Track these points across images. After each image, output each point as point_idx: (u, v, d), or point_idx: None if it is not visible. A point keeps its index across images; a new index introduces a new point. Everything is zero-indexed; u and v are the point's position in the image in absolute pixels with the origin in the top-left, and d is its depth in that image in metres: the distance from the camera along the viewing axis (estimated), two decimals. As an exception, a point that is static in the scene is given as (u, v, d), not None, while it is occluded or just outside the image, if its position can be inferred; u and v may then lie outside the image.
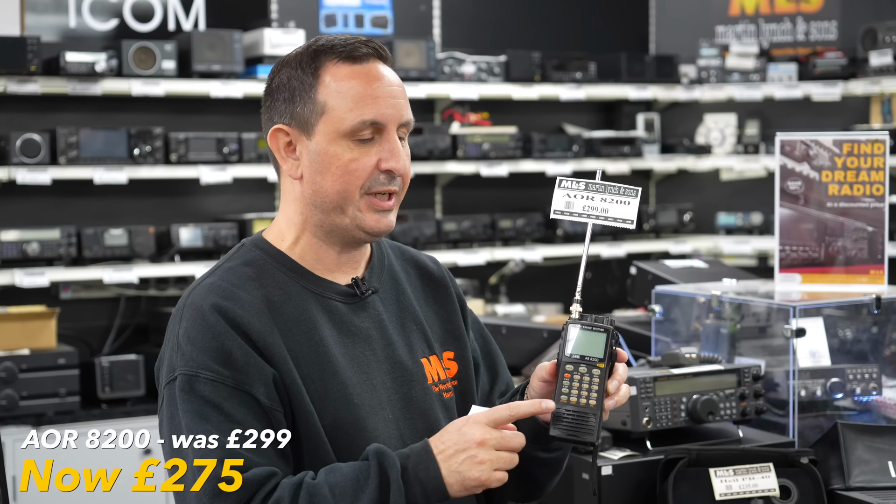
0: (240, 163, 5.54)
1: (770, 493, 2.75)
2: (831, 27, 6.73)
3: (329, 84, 2.13)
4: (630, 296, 4.21)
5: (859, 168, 3.34)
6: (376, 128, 2.13)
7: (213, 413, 2.01)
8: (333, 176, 2.13)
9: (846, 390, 3.17)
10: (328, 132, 2.12)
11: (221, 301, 2.07)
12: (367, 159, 2.13)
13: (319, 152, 2.13)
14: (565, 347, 2.06)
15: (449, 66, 6.11)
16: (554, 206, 2.16)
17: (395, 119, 2.14)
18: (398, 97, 2.15)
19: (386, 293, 2.25)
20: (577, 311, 2.10)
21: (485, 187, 6.49)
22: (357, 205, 2.14)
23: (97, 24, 5.75)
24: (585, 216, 2.15)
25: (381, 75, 2.15)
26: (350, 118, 2.11)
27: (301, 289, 2.15)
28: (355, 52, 2.14)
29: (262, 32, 5.61)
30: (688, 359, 3.00)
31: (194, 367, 2.04)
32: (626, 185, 2.15)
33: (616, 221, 2.14)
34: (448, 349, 2.30)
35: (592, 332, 2.07)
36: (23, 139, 5.09)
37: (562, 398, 2.04)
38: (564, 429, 2.03)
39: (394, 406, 2.16)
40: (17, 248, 5.12)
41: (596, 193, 2.15)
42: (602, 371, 2.05)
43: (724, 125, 6.77)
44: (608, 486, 2.77)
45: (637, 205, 2.14)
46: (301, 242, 2.19)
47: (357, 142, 2.12)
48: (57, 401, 4.96)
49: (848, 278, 3.36)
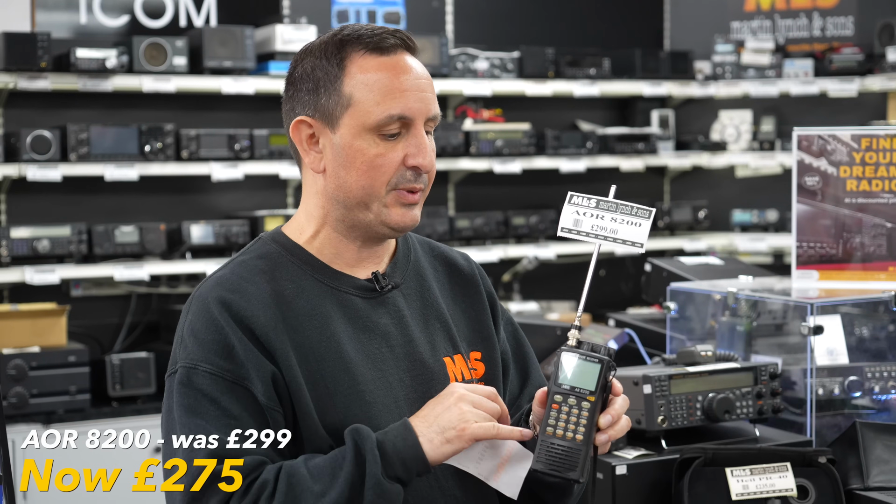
0: (251, 159, 5.52)
1: (787, 493, 2.71)
2: (848, 22, 6.68)
3: (355, 75, 2.06)
4: (645, 293, 4.17)
5: (878, 163, 3.30)
6: (403, 122, 2.06)
7: (209, 407, 1.98)
8: (358, 171, 2.07)
9: (864, 389, 3.13)
10: (353, 125, 2.06)
11: (227, 294, 2.03)
12: (394, 155, 2.06)
13: (344, 146, 2.07)
14: (556, 376, 1.97)
15: (462, 63, 6.08)
16: (562, 224, 2.08)
17: (422, 113, 2.07)
18: (426, 90, 2.09)
19: (409, 289, 2.19)
20: (575, 338, 2.01)
21: (498, 184, 6.46)
22: (383, 200, 2.07)
23: (108, 20, 5.73)
24: (594, 236, 2.06)
25: (410, 67, 2.08)
26: (377, 112, 2.05)
27: (316, 283, 2.10)
28: (383, 42, 2.08)
29: (273, 29, 5.58)
30: (704, 356, 2.96)
31: (194, 359, 2.00)
32: (640, 205, 2.06)
33: (625, 244, 2.05)
34: (475, 349, 2.24)
35: (586, 362, 1.97)
36: (33, 136, 5.08)
37: (548, 430, 1.94)
38: (547, 462, 1.93)
39: (411, 404, 2.09)
40: (28, 245, 5.11)
41: (607, 212, 2.07)
42: (592, 405, 1.94)
43: (740, 122, 6.72)
44: (623, 486, 2.74)
45: (649, 227, 2.05)
46: (320, 236, 2.14)
47: (383, 136, 2.06)
48: (67, 399, 4.95)
49: (866, 275, 3.32)
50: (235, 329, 2.00)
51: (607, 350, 1.99)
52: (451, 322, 2.21)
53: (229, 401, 1.98)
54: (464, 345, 2.22)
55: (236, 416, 1.97)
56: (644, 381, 2.81)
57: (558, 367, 1.97)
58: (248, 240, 5.26)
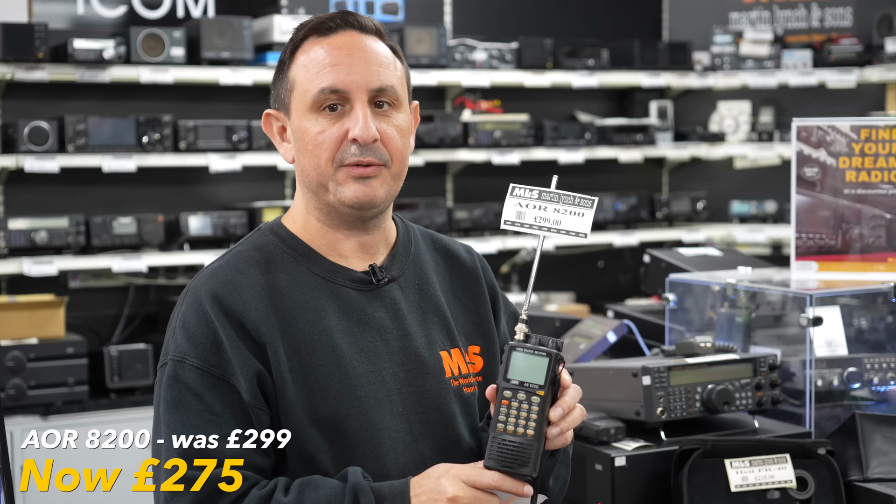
0: (249, 150, 5.51)
1: (786, 484, 2.71)
2: (846, 13, 6.67)
3: (298, 59, 2.09)
4: (643, 284, 4.17)
5: (877, 154, 3.29)
6: (340, 96, 2.05)
7: (193, 401, 1.97)
8: (308, 152, 2.08)
9: (863, 380, 3.13)
10: (298, 108, 2.08)
11: (219, 287, 2.03)
12: (333, 130, 2.05)
13: (295, 130, 2.10)
14: (505, 372, 1.94)
15: (460, 53, 6.06)
16: (504, 216, 2.06)
17: (359, 85, 2.06)
18: (366, 62, 2.07)
19: (408, 281, 2.18)
20: (523, 332, 1.97)
21: (496, 175, 6.44)
22: (335, 178, 2.07)
23: (105, 10, 5.72)
24: (536, 228, 2.04)
25: (346, 44, 2.08)
26: (311, 88, 2.06)
27: (311, 275, 2.09)
28: (324, 24, 2.09)
29: (271, 19, 5.57)
30: (703, 348, 2.96)
31: (183, 353, 2.00)
32: (583, 194, 2.04)
33: (568, 234, 2.03)
34: (474, 343, 2.22)
35: (534, 356, 1.93)
36: (31, 127, 5.06)
37: (498, 426, 1.91)
38: (499, 459, 1.90)
39: (405, 398, 2.09)
40: (26, 236, 5.10)
41: (549, 203, 2.05)
42: (542, 399, 1.91)
43: (738, 113, 6.72)
44: (622, 478, 2.73)
45: (592, 216, 2.02)
46: (309, 227, 2.14)
47: (325, 113, 2.06)
48: (65, 390, 4.94)
49: (865, 266, 3.31)
50: (225, 324, 2.00)
51: (555, 343, 1.97)
52: (449, 316, 2.20)
53: (213, 396, 1.97)
54: (462, 338, 2.20)
55: (218, 413, 1.97)
56: (643, 372, 2.81)
57: (507, 362, 1.94)
58: (246, 231, 5.26)
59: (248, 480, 1.95)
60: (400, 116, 2.11)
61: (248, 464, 1.97)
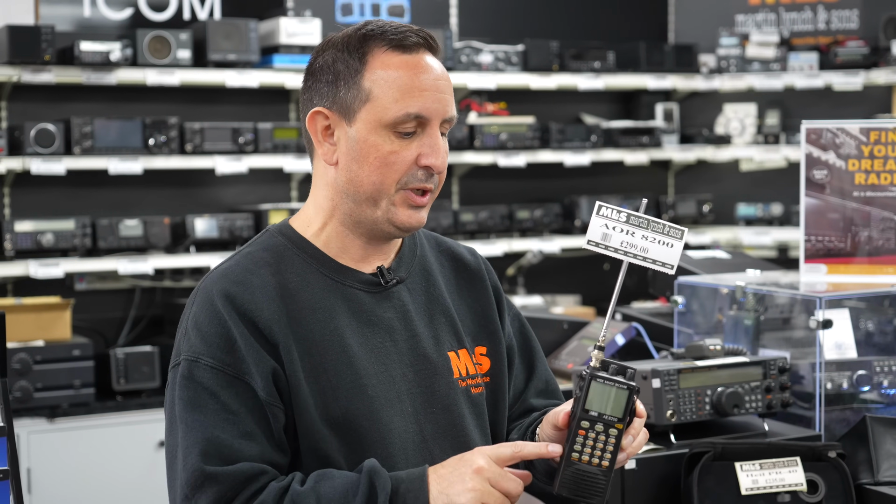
0: (255, 153, 5.51)
1: (797, 487, 2.70)
2: (853, 16, 6.66)
3: (376, 71, 2.06)
4: (651, 287, 4.16)
5: (886, 157, 3.28)
6: (420, 122, 2.06)
7: (209, 401, 1.98)
8: (371, 166, 2.06)
9: (873, 383, 3.12)
10: (370, 121, 2.06)
11: (231, 287, 2.03)
12: (408, 153, 2.06)
13: (359, 140, 2.07)
14: (583, 401, 1.93)
15: (466, 56, 6.06)
16: (589, 236, 2.02)
17: (439, 114, 2.07)
18: (444, 91, 2.08)
19: (415, 283, 2.19)
20: (598, 359, 1.96)
21: (502, 178, 6.44)
22: (392, 198, 2.07)
23: (112, 13, 5.72)
24: (622, 252, 2.00)
25: (430, 67, 2.08)
26: (395, 109, 2.04)
27: (321, 276, 2.10)
28: (405, 40, 2.07)
29: (277, 21, 5.56)
30: (712, 350, 2.95)
31: (197, 352, 2.01)
32: (673, 224, 2.01)
33: (655, 264, 2.00)
34: (481, 344, 2.23)
35: (614, 389, 1.93)
36: (37, 129, 5.06)
37: (573, 455, 1.92)
38: (571, 488, 1.92)
39: (414, 399, 2.10)
40: (32, 238, 5.10)
41: (637, 229, 2.01)
42: (620, 431, 1.92)
43: (744, 115, 6.71)
44: (632, 481, 2.72)
45: (681, 248, 1.99)
46: (327, 229, 2.14)
47: (398, 134, 2.05)
48: (72, 393, 4.94)
49: (874, 269, 3.31)
50: (238, 323, 2.00)
51: (633, 373, 1.95)
52: (455, 317, 2.21)
53: (229, 395, 1.98)
54: (468, 339, 2.22)
55: (235, 412, 1.97)
56: (653, 375, 2.80)
57: (586, 392, 1.93)
58: (253, 233, 5.27)
59: (267, 475, 1.96)
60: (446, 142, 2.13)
61: (265, 460, 1.97)
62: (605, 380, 1.93)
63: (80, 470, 4.83)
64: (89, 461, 4.87)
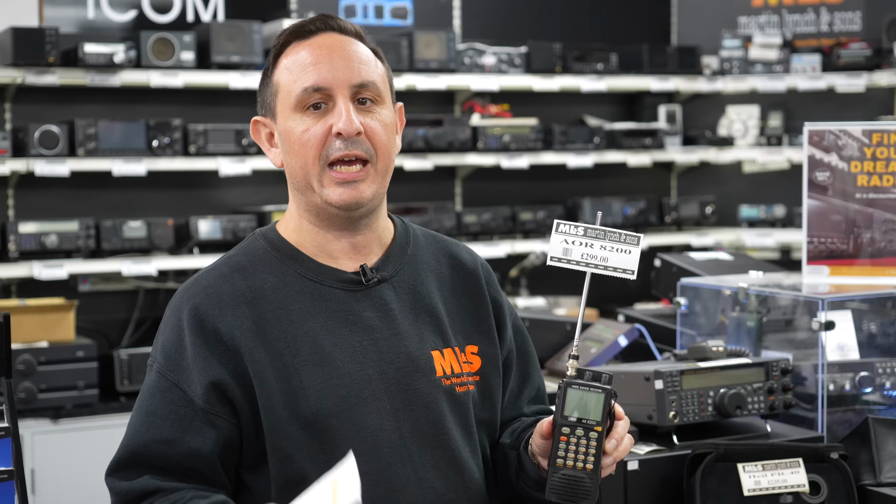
0: (259, 155, 5.51)
1: (799, 488, 2.71)
2: (855, 18, 6.66)
3: (280, 63, 2.15)
4: (654, 288, 4.17)
5: (889, 159, 3.29)
6: (323, 94, 2.11)
7: (146, 402, 2.08)
8: (295, 152, 2.13)
9: (875, 384, 3.12)
10: (283, 110, 2.14)
11: (197, 294, 2.11)
12: (318, 127, 2.11)
13: (283, 132, 2.15)
14: (562, 409, 2.01)
15: (469, 58, 6.07)
16: (550, 253, 2.10)
17: (340, 82, 2.11)
18: (347, 60, 2.12)
19: (401, 282, 2.21)
20: (574, 368, 2.04)
21: (505, 179, 6.45)
22: (320, 179, 2.12)
23: (116, 15, 5.73)
24: (584, 265, 2.08)
25: (327, 44, 2.14)
26: (295, 89, 2.11)
27: (298, 278, 2.14)
28: (304, 28, 2.16)
29: (281, 23, 5.57)
30: (715, 352, 2.95)
31: (154, 355, 2.12)
32: (628, 231, 2.09)
33: (616, 271, 2.08)
34: (472, 343, 2.25)
35: (590, 393, 2.01)
36: (41, 131, 5.08)
37: (558, 461, 2.00)
38: (560, 493, 2.00)
39: (393, 397, 2.12)
40: (36, 240, 5.10)
41: (595, 240, 2.09)
42: (600, 434, 2.00)
43: (747, 117, 6.71)
44: (634, 482, 2.73)
45: (639, 253, 2.07)
46: (301, 228, 2.19)
47: (309, 112, 2.11)
48: (75, 393, 4.95)
49: (876, 270, 3.31)
50: (194, 330, 2.07)
51: (608, 377, 2.03)
52: (444, 316, 2.22)
53: (162, 400, 2.06)
54: (458, 338, 2.23)
55: (162, 416, 2.05)
56: (656, 376, 2.81)
57: (563, 399, 2.01)
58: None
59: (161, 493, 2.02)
60: (383, 112, 2.16)
61: (174, 467, 2.04)
62: (580, 385, 2.01)
63: (83, 471, 4.84)
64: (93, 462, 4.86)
